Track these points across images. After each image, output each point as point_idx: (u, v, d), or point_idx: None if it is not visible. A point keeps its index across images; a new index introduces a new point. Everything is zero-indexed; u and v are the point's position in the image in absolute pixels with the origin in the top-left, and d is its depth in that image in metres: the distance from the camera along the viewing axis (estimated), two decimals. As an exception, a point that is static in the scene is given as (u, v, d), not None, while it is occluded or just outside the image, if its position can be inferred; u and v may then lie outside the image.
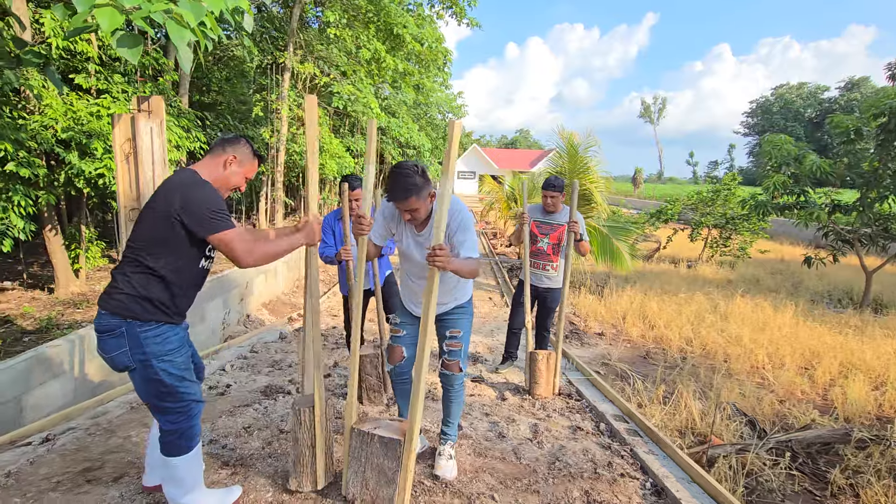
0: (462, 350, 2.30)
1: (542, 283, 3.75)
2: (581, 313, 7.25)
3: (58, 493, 2.05)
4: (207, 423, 2.76)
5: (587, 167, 7.47)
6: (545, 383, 3.34)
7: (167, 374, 1.74)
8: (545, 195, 3.63)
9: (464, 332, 2.31)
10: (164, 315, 1.74)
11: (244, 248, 1.72)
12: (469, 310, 2.37)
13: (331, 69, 10.49)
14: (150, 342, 1.71)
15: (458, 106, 27.11)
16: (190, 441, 1.84)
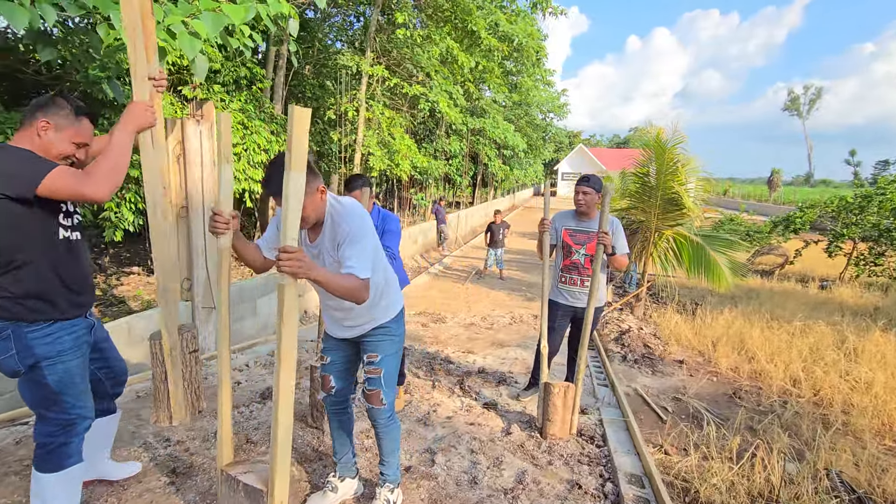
0: (382, 377, 1.93)
1: (578, 301, 3.18)
2: (662, 335, 6.28)
3: (18, 477, 2.14)
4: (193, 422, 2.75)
5: (675, 167, 6.43)
6: (560, 422, 2.80)
7: (54, 380, 1.61)
8: (576, 191, 3.08)
9: (384, 356, 1.94)
10: (50, 311, 1.60)
11: (74, 184, 1.49)
12: (395, 330, 1.99)
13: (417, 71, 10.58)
14: (39, 344, 1.58)
15: (561, 105, 25.93)
16: (64, 459, 1.66)
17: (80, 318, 1.71)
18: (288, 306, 1.51)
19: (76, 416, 1.67)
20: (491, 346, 5.27)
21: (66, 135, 1.63)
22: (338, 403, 2.05)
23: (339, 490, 2.07)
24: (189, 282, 4.55)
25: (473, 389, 3.56)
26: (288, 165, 1.46)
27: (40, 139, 1.59)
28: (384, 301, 1.94)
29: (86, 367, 1.74)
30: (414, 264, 10.73)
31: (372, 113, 8.60)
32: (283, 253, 1.46)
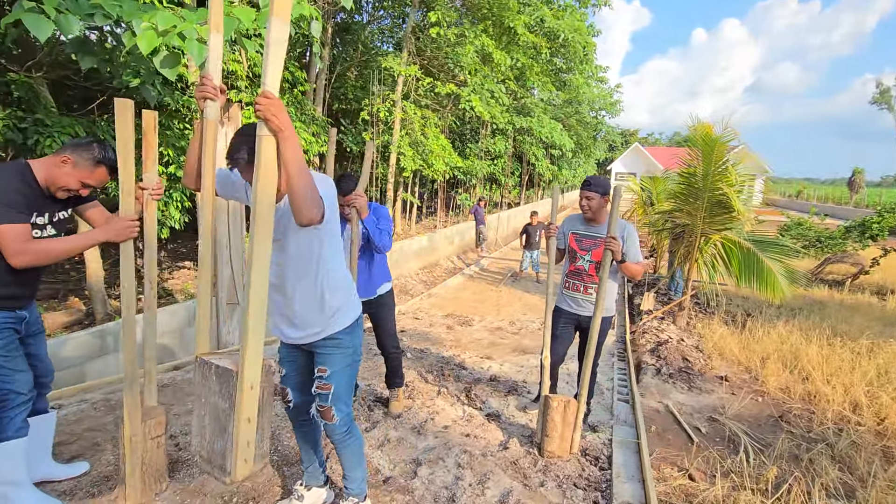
0: (333, 392, 1.82)
1: (582, 309, 2.96)
2: (705, 347, 5.81)
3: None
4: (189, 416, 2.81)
5: (725, 167, 5.92)
6: (559, 439, 2.60)
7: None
8: (580, 195, 2.86)
9: (333, 371, 1.82)
10: None
11: (15, 247, 1.65)
12: (347, 342, 1.85)
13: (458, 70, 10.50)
14: None
15: (613, 102, 24.92)
16: (5, 431, 1.80)
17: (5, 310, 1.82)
18: (266, 159, 1.41)
19: (9, 393, 1.79)
20: (512, 352, 5.08)
21: (78, 174, 1.84)
22: (299, 415, 1.98)
23: (304, 499, 2.01)
24: (214, 278, 4.71)
25: (480, 398, 3.41)
26: (271, 11, 1.38)
27: (56, 168, 1.82)
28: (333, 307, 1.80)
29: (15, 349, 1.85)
30: (449, 265, 10.64)
31: (405, 113, 8.61)
32: (262, 97, 1.36)
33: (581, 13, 15.23)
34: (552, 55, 14.42)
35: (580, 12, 14.94)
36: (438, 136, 9.01)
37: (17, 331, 1.88)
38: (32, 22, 2.79)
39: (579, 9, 14.24)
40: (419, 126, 8.63)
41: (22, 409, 1.85)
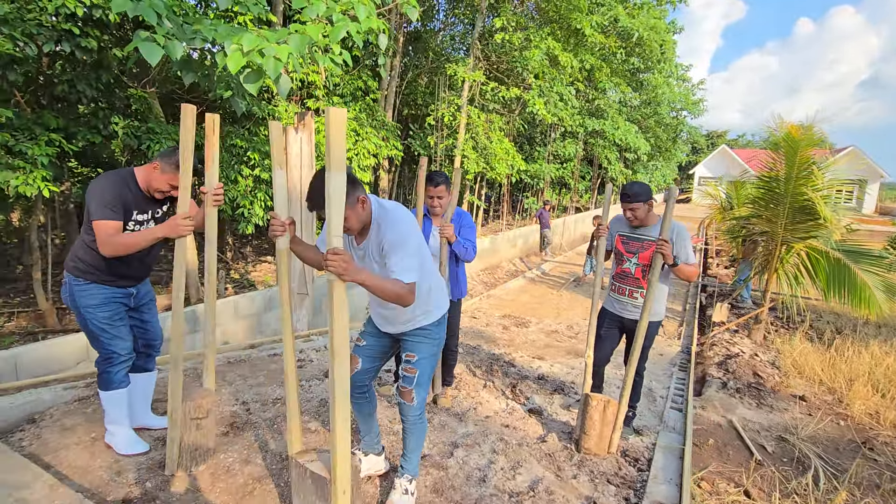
0: (417, 377, 2.01)
1: (627, 312, 2.94)
2: (782, 364, 5.39)
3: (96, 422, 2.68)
4: (261, 388, 3.17)
5: (810, 170, 5.45)
6: (597, 437, 2.60)
7: (91, 324, 2.15)
8: (623, 208, 2.84)
9: (420, 358, 2.02)
10: (92, 275, 2.13)
11: (103, 238, 2.00)
12: (434, 334, 2.06)
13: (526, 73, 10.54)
14: (78, 294, 2.14)
15: (695, 101, 23.42)
16: (106, 384, 2.20)
17: (116, 287, 2.20)
18: (337, 301, 1.56)
19: (111, 351, 2.19)
20: (566, 354, 5.05)
21: (165, 178, 2.13)
22: (359, 387, 2.13)
23: (362, 462, 2.23)
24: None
25: (524, 394, 3.48)
26: (328, 166, 1.51)
27: (150, 174, 2.14)
28: (428, 306, 2.02)
29: (118, 319, 2.21)
30: (511, 267, 10.65)
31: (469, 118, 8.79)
32: (330, 254, 1.53)
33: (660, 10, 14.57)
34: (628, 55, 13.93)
35: (657, 10, 14.30)
36: (502, 139, 9.09)
37: (126, 304, 2.26)
38: (146, 49, 3.31)
39: (657, 6, 13.63)
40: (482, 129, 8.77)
41: (123, 366, 2.23)
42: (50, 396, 2.74)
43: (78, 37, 3.84)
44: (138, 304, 2.34)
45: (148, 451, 2.31)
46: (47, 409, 2.63)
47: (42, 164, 3.97)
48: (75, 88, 4.34)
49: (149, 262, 2.32)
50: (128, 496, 1.99)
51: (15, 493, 1.80)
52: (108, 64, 4.40)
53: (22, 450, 2.27)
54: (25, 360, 3.12)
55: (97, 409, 2.71)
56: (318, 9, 4.25)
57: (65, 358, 3.31)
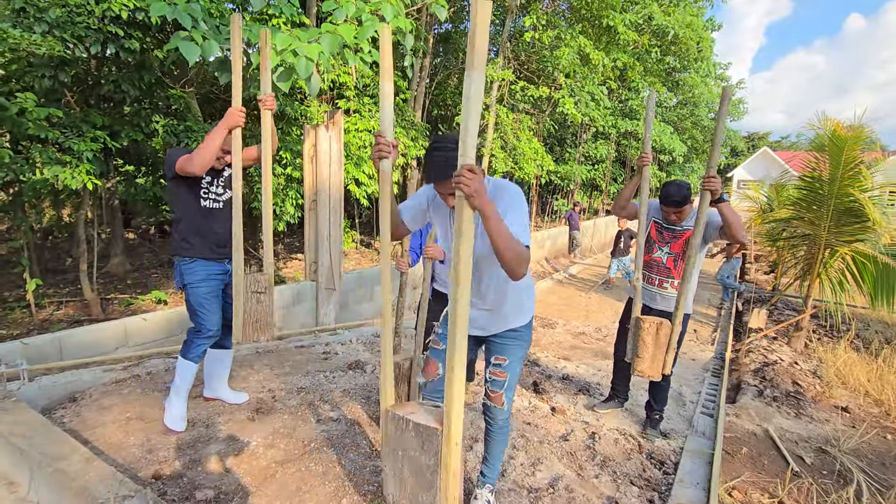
0: (508, 381, 1.91)
1: (655, 303, 2.85)
2: (825, 373, 5.12)
3: (161, 393, 2.81)
4: (287, 377, 3.24)
5: (856, 170, 5.17)
6: (650, 360, 2.48)
7: (192, 298, 2.41)
8: (667, 212, 2.74)
9: (512, 361, 1.91)
10: (191, 251, 2.39)
11: (186, 161, 2.25)
12: (525, 335, 1.95)
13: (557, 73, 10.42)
14: (185, 272, 2.42)
15: (735, 102, 22.59)
16: (187, 352, 2.43)
17: (215, 262, 2.45)
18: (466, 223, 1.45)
19: (202, 326, 2.43)
20: (593, 356, 4.95)
21: None
22: (436, 392, 1.99)
23: None
24: (315, 265, 5.28)
25: (548, 393, 3.42)
26: (470, 63, 1.34)
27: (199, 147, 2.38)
28: (522, 305, 1.91)
29: (214, 296, 2.46)
30: (539, 269, 10.53)
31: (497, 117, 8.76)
32: (465, 170, 1.38)
33: (697, 8, 14.14)
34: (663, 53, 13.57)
35: (694, 7, 13.89)
36: (531, 139, 9.01)
37: (223, 281, 2.50)
38: (185, 48, 3.45)
39: (693, 3, 13.23)
40: (510, 129, 8.71)
41: (208, 341, 2.46)
42: (90, 377, 2.89)
43: (122, 38, 4.03)
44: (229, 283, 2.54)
45: (180, 433, 2.43)
46: (86, 390, 2.77)
47: (87, 159, 4.19)
48: (120, 88, 4.56)
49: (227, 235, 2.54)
50: (158, 473, 2.07)
51: (54, 463, 1.90)
52: (149, 65, 4.61)
53: (63, 425, 2.39)
54: (68, 344, 3.30)
55: (133, 390, 2.84)
56: (348, 10, 4.33)
57: (105, 343, 3.48)
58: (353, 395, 2.99)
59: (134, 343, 3.65)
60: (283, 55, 3.71)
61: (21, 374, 2.64)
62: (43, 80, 4.03)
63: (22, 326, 5.60)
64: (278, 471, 2.16)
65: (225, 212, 2.49)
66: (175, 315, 3.96)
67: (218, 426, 2.49)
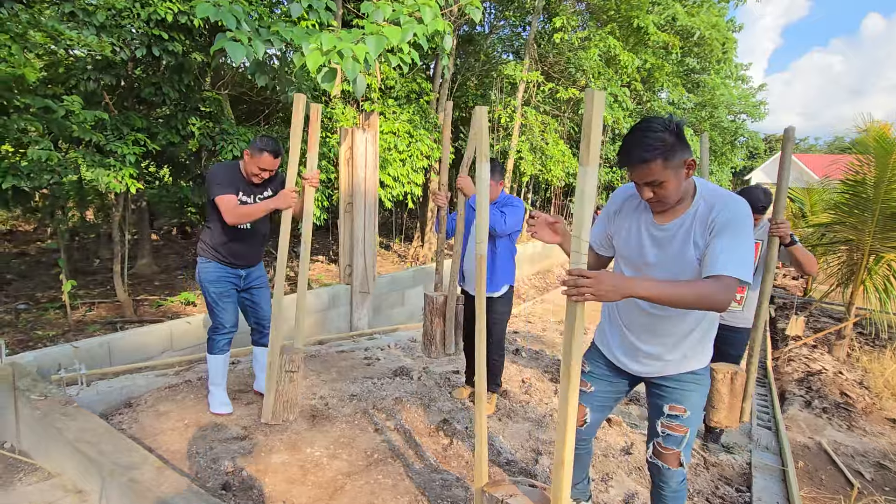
0: (688, 437, 1.57)
1: (722, 320, 2.77)
2: (872, 383, 4.98)
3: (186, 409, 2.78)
4: (336, 384, 3.20)
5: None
6: (727, 409, 2.42)
7: (207, 296, 2.52)
8: None
9: (692, 412, 1.55)
10: (209, 254, 2.49)
11: (225, 209, 2.34)
12: (705, 381, 1.60)
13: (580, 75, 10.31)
14: (201, 271, 2.54)
15: (756, 104, 22.27)
16: (211, 348, 2.56)
17: (229, 266, 2.51)
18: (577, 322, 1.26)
19: (218, 324, 2.54)
20: (631, 363, 4.86)
21: (253, 161, 2.41)
22: (582, 439, 1.76)
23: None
24: (350, 268, 5.25)
25: (598, 402, 3.34)
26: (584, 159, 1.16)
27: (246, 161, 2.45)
28: (707, 342, 1.56)
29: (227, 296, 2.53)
30: (562, 272, 10.43)
31: (525, 119, 8.68)
32: (573, 276, 1.18)
33: (720, 8, 13.94)
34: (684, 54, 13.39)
35: (718, 7, 13.69)
36: (558, 141, 8.92)
37: (236, 284, 2.57)
38: (231, 49, 3.43)
39: (717, 3, 13.04)
40: (539, 131, 8.63)
41: (226, 337, 2.55)
42: (144, 382, 2.87)
43: (166, 41, 4.03)
44: (248, 285, 2.64)
45: (231, 414, 2.59)
46: (141, 395, 2.75)
47: (129, 162, 4.20)
48: (161, 91, 4.57)
49: (258, 247, 2.62)
50: (226, 483, 2.03)
51: (127, 473, 1.86)
52: (189, 67, 4.61)
53: (123, 432, 2.37)
54: (116, 347, 3.29)
55: (186, 395, 2.81)
56: (385, 12, 4.29)
57: (151, 346, 3.47)
58: (406, 403, 2.93)
59: (179, 346, 3.64)
60: (329, 55, 3.69)
61: (80, 378, 2.62)
62: (88, 82, 4.04)
63: (57, 328, 5.64)
64: (346, 483, 2.11)
65: (251, 232, 2.55)
66: (217, 319, 3.95)
67: (276, 434, 2.45)
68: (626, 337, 1.60)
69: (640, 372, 1.61)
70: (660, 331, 1.53)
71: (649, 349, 1.56)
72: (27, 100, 3.56)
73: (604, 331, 1.72)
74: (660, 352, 1.54)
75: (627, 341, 1.60)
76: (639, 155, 1.32)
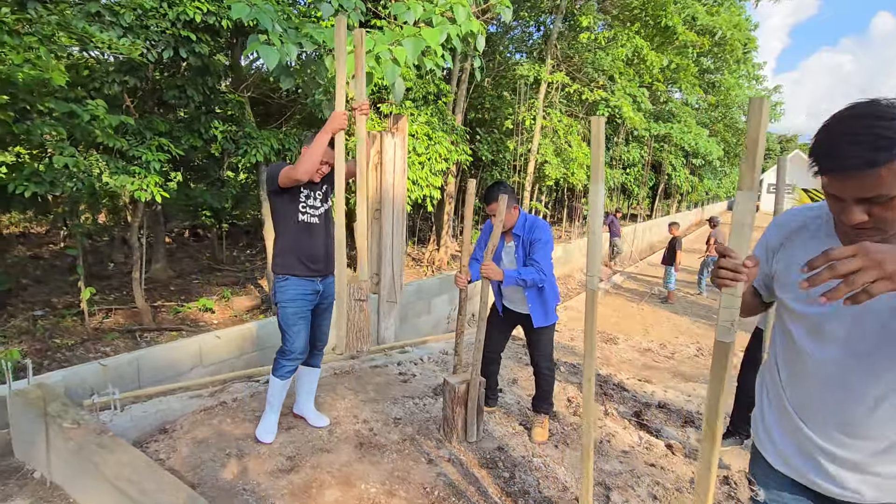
0: None
1: None
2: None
3: (252, 424, 2.61)
4: (375, 405, 3.02)
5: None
6: None
7: (281, 318, 2.36)
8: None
9: None
10: (285, 269, 2.33)
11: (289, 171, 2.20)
12: None
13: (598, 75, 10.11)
14: (278, 291, 2.37)
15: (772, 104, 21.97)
16: (275, 370, 2.41)
17: (307, 279, 2.36)
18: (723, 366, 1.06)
19: (288, 348, 2.38)
20: (672, 377, 4.65)
21: None
22: None
23: None
24: (377, 276, 5.08)
25: (652, 425, 3.15)
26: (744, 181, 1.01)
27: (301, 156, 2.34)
28: None
29: (302, 318, 2.38)
30: (583, 278, 10.21)
31: (550, 121, 8.48)
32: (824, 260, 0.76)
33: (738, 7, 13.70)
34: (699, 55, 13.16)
35: (738, 6, 13.45)
36: (581, 143, 8.74)
37: (311, 302, 2.42)
38: (265, 52, 3.27)
39: (738, 1, 12.80)
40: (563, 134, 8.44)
41: (294, 362, 2.41)
42: (179, 405, 2.70)
43: (193, 43, 3.87)
44: (318, 304, 2.49)
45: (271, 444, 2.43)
46: (177, 419, 2.58)
47: (154, 169, 4.04)
48: (185, 93, 4.41)
49: (331, 248, 2.46)
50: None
51: (175, 519, 1.69)
52: (214, 69, 4.45)
53: (162, 463, 2.20)
54: (146, 365, 3.13)
55: (222, 420, 2.65)
56: (416, 12, 4.11)
57: (180, 363, 3.31)
58: None
59: (208, 362, 3.48)
60: (366, 58, 3.51)
61: (113, 404, 2.46)
62: (112, 85, 3.89)
63: (76, 335, 5.50)
64: (409, 525, 1.93)
65: (320, 227, 2.44)
66: (247, 332, 3.78)
67: (326, 467, 2.27)
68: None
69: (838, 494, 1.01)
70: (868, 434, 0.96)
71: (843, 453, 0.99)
72: (50, 104, 3.41)
73: (765, 424, 1.15)
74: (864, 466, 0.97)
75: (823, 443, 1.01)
76: (859, 156, 0.83)
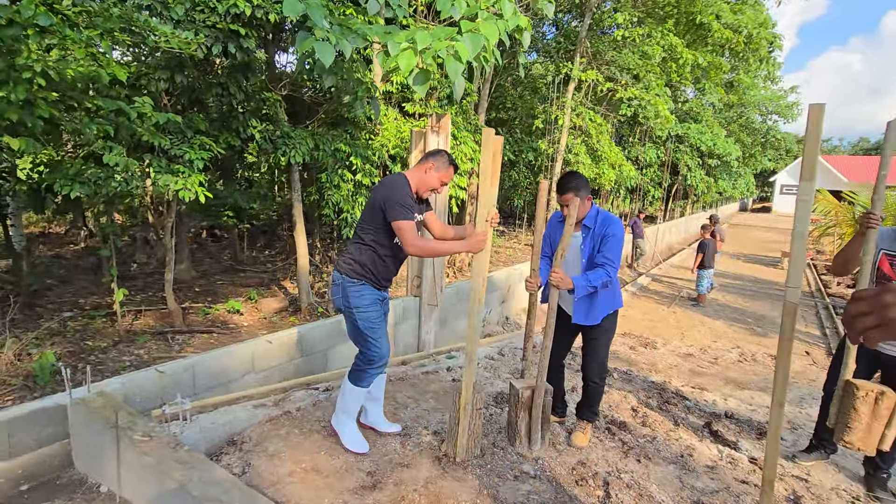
0: None
1: (888, 347, 2.43)
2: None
3: (320, 435, 2.50)
4: (439, 413, 2.90)
5: None
6: (864, 430, 2.10)
7: (361, 323, 2.27)
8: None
9: None
10: (364, 277, 2.26)
11: (408, 239, 2.13)
12: None
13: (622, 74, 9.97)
14: (352, 295, 2.26)
15: (788, 105, 21.73)
16: (358, 380, 2.33)
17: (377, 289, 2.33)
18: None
19: (374, 354, 2.30)
20: (725, 384, 4.50)
21: (440, 175, 2.33)
22: None
23: None
24: (419, 279, 4.96)
25: (728, 438, 3.01)
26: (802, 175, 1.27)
27: (425, 174, 2.32)
28: None
29: (383, 322, 2.33)
30: (606, 280, 10.08)
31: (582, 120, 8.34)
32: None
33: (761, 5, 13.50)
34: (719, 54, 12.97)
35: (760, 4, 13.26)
36: (611, 143, 8.58)
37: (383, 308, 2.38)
38: (321, 49, 3.15)
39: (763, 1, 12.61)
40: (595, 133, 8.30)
41: (379, 370, 2.35)
42: (245, 415, 2.59)
43: (242, 38, 3.76)
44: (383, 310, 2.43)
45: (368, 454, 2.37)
46: (244, 430, 2.47)
47: (198, 169, 3.93)
48: (227, 91, 4.30)
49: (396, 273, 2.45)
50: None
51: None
52: (257, 66, 4.34)
53: (239, 478, 2.09)
54: (200, 371, 3.02)
55: (290, 431, 2.53)
56: (461, 7, 3.99)
57: (232, 369, 3.20)
58: (530, 440, 2.62)
59: (259, 368, 3.37)
60: (424, 56, 3.39)
61: (182, 414, 2.35)
62: (159, 82, 3.78)
63: (107, 337, 5.41)
64: (514, 550, 1.80)
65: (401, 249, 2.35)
66: (297, 336, 3.67)
67: (410, 484, 2.15)
68: None
69: None
70: None
71: None
72: (98, 101, 3.30)
73: None
74: None
75: None
76: None
